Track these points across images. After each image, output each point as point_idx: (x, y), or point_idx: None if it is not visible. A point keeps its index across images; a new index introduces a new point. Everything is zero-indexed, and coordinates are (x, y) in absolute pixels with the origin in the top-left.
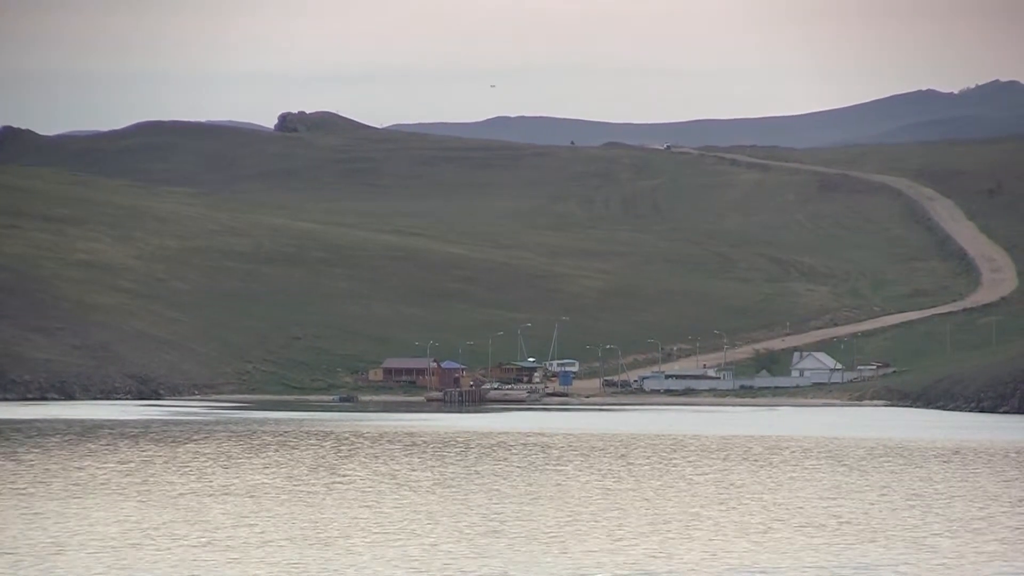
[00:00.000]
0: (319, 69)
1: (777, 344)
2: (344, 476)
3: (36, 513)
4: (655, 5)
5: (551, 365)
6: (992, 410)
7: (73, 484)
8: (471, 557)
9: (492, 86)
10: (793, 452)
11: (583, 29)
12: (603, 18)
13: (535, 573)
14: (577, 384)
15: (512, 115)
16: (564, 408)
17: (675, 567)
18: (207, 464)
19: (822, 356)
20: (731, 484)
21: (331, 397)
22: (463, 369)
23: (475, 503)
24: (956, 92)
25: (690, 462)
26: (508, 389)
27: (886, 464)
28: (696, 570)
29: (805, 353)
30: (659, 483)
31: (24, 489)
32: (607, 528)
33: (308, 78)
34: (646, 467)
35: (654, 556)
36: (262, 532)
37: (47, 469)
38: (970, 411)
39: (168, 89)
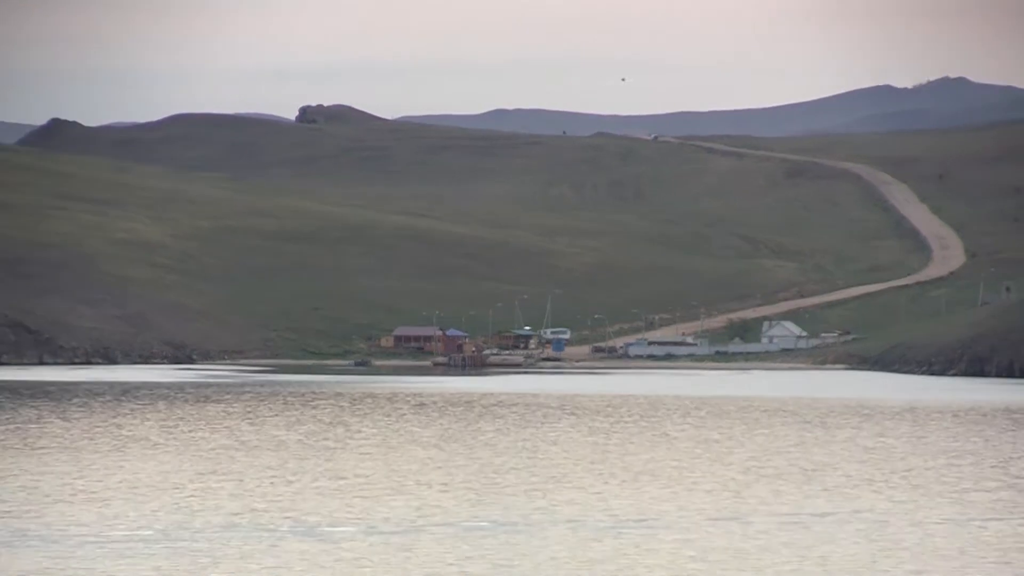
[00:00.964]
0: (336, 65)
1: (749, 314)
2: (358, 432)
3: (85, 465)
4: (641, 6)
5: (545, 333)
6: (941, 373)
7: (116, 439)
8: (473, 505)
9: (623, 79)
10: (763, 411)
11: (575, 26)
12: (593, 16)
13: (531, 520)
14: (569, 350)
15: (509, 108)
16: (557, 372)
17: (657, 513)
18: (235, 421)
19: (789, 325)
20: (707, 440)
21: (347, 362)
22: (466, 337)
23: (476, 456)
24: (911, 87)
25: (670, 420)
26: (506, 355)
27: (846, 421)
28: (676, 516)
29: (774, 322)
30: (642, 439)
31: (73, 443)
32: (596, 479)
33: (326, 73)
34: (631, 424)
35: (638, 504)
36: (286, 482)
37: (93, 426)
38: (921, 374)
39: (198, 84)
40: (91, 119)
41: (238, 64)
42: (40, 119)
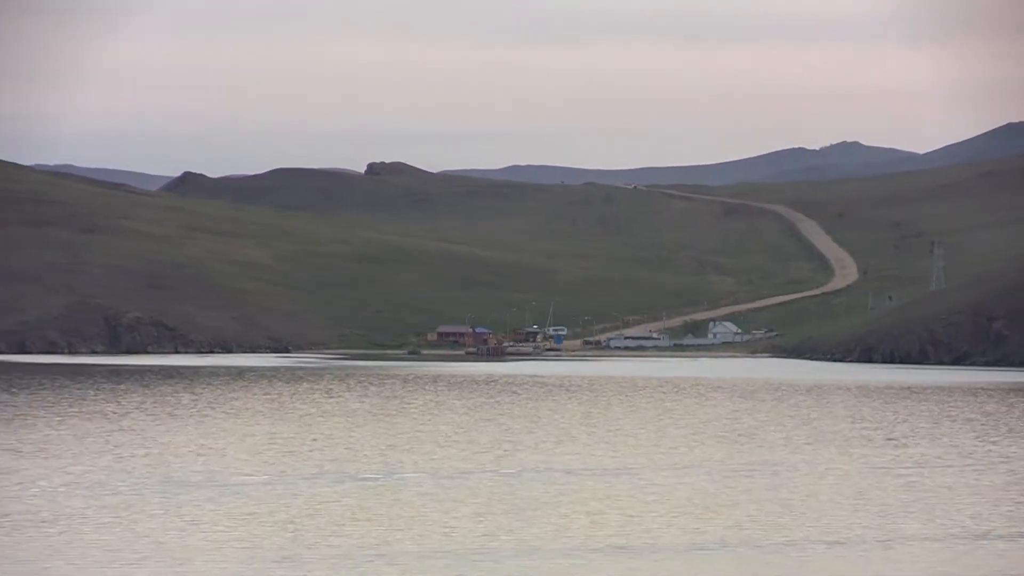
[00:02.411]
0: (394, 131)
1: (699, 316)
2: (409, 403)
3: (208, 428)
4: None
5: (548, 330)
6: (840, 360)
7: (230, 408)
8: (495, 457)
9: (633, 186)
10: (709, 388)
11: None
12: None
13: (539, 468)
14: (566, 343)
15: (522, 164)
16: (556, 359)
17: (631, 464)
18: (318, 395)
19: (728, 324)
20: (667, 409)
21: (402, 351)
22: (490, 332)
23: (496, 421)
24: (818, 148)
25: (640, 394)
26: (520, 346)
27: (769, 395)
28: (645, 466)
29: (717, 322)
30: (619, 409)
31: (201, 412)
32: (586, 438)
33: (386, 138)
34: (611, 398)
35: (617, 457)
36: (357, 439)
37: (215, 398)
38: (825, 360)
39: (293, 144)
40: (214, 172)
41: (321, 128)
42: (176, 172)
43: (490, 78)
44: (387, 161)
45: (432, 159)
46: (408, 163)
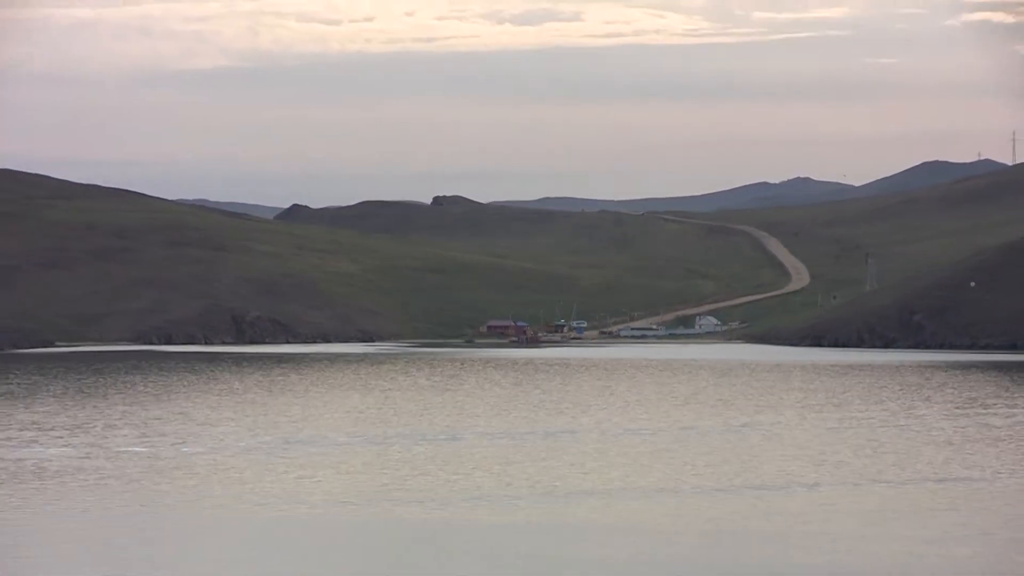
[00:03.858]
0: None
1: (688, 312)
2: (464, 380)
3: (312, 400)
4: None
5: (572, 323)
6: (796, 345)
7: (327, 384)
8: (533, 420)
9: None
10: (695, 367)
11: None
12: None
13: (566, 430)
14: (586, 333)
15: (553, 196)
16: (579, 346)
17: (640, 425)
18: (394, 374)
19: (711, 318)
20: (664, 383)
21: (460, 340)
22: (527, 325)
23: (530, 391)
24: (778, 182)
25: (643, 372)
26: (550, 336)
27: (742, 371)
28: (652, 427)
29: (702, 316)
30: (627, 382)
31: (306, 388)
32: (603, 405)
33: (448, 176)
34: (621, 374)
35: (627, 420)
36: (424, 409)
37: (317, 377)
38: (785, 345)
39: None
40: (315, 204)
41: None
42: (286, 204)
43: (528, 129)
44: (448, 194)
45: (483, 192)
46: (465, 196)
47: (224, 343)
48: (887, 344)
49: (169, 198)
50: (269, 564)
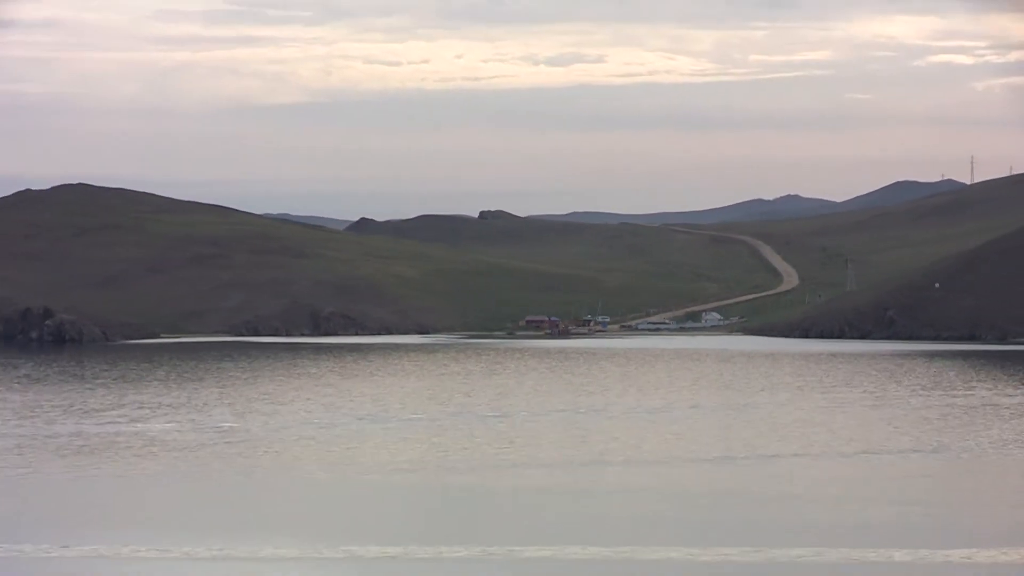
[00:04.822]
0: (496, 189)
1: (696, 308)
2: (506, 366)
3: (377, 383)
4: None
5: (597, 318)
6: (787, 336)
7: (391, 370)
8: (564, 402)
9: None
10: (702, 355)
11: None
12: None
13: (593, 408)
14: (609, 327)
15: (580, 211)
16: (603, 337)
17: (657, 405)
18: (446, 360)
19: (715, 314)
20: (675, 368)
21: (502, 333)
22: (559, 320)
23: (562, 376)
24: (772, 199)
25: (657, 359)
26: (579, 329)
27: (741, 359)
28: (664, 406)
29: (707, 312)
30: (644, 368)
31: (372, 372)
32: (624, 388)
33: (491, 194)
34: (638, 361)
35: (645, 400)
36: (474, 389)
37: (381, 363)
38: (778, 337)
39: (432, 198)
40: (380, 217)
41: (450, 187)
42: (355, 218)
43: (559, 154)
44: (492, 209)
45: (522, 207)
46: (506, 210)
47: (302, 335)
48: (864, 336)
49: (256, 212)
50: (347, 521)
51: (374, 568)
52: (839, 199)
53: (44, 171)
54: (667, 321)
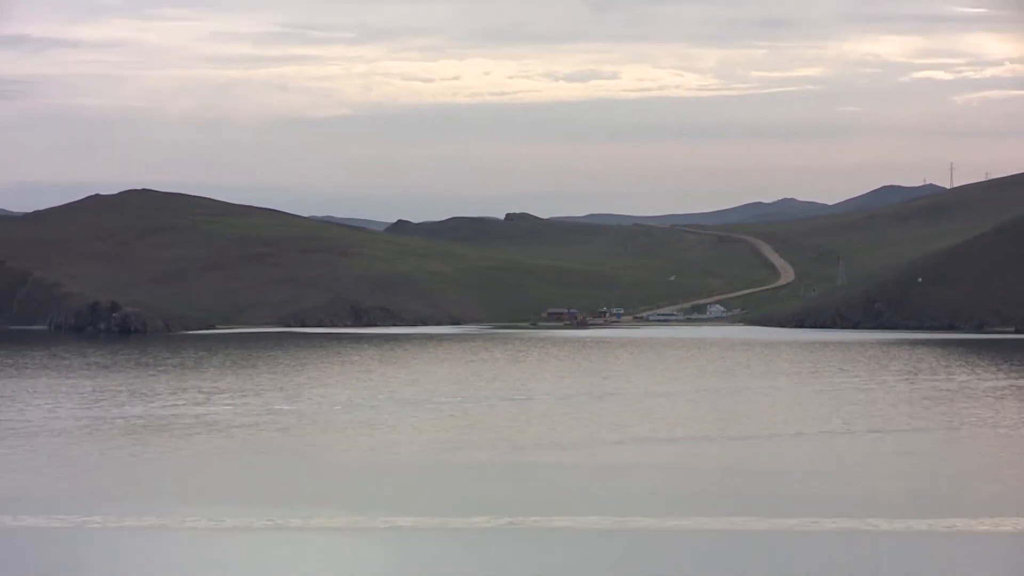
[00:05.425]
0: (521, 193)
1: (702, 301)
2: (528, 353)
3: (414, 368)
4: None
5: (612, 310)
6: (784, 326)
7: (426, 358)
8: (581, 385)
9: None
10: (706, 344)
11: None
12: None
13: (606, 393)
14: (623, 318)
15: (598, 212)
16: (617, 328)
17: (667, 389)
18: (475, 349)
19: (719, 306)
20: (683, 356)
21: (526, 324)
22: (578, 312)
23: (580, 362)
24: (769, 202)
25: (667, 348)
26: (595, 320)
27: (742, 348)
28: (674, 390)
29: (712, 305)
30: (655, 356)
31: (408, 359)
32: (635, 373)
33: (516, 197)
34: (649, 350)
35: (655, 384)
36: (500, 375)
37: (416, 351)
38: (776, 327)
39: (461, 201)
40: (415, 219)
41: (479, 191)
42: (392, 219)
43: (578, 161)
44: (517, 211)
45: (544, 210)
46: (530, 213)
47: (345, 326)
48: (854, 326)
49: (303, 215)
50: (388, 494)
51: (414, 537)
52: (831, 202)
53: (111, 178)
54: (675, 313)
